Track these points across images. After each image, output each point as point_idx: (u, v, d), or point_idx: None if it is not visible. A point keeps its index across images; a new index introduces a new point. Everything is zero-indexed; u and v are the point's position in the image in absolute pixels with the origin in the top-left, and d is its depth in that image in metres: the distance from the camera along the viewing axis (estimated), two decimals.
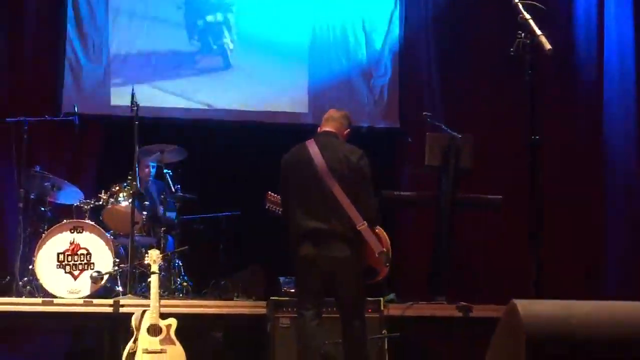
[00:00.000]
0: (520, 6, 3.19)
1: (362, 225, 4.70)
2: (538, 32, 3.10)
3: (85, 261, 6.27)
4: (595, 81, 8.10)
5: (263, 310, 5.86)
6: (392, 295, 6.34)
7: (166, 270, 6.64)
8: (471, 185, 7.15)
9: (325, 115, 5.15)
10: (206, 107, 8.32)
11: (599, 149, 8.07)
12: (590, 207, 8.08)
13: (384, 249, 4.80)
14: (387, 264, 4.83)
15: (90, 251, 6.29)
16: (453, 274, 6.63)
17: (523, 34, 3.15)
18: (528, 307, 2.46)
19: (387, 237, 4.93)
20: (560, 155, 7.70)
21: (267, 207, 5.18)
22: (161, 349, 5.26)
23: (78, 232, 6.31)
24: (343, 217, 4.71)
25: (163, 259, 6.09)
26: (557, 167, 7.47)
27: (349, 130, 5.12)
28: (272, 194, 5.16)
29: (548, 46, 3.07)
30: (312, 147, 4.91)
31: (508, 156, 7.50)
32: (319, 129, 5.13)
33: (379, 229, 4.89)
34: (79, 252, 6.28)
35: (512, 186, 7.62)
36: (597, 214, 8.04)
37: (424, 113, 6.81)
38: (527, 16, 3.16)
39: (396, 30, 8.51)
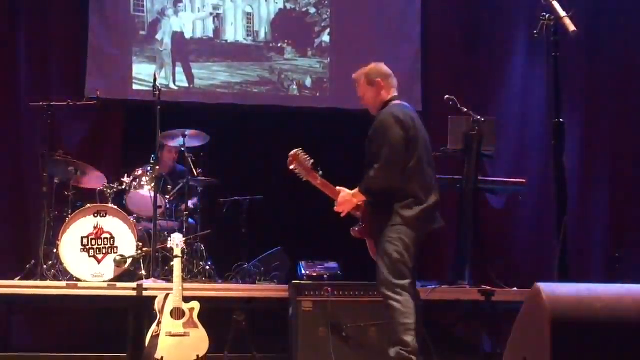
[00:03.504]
0: None
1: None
2: (562, 13, 3.07)
3: (108, 245, 6.31)
4: None
5: (285, 294, 5.87)
6: None
7: (189, 254, 6.66)
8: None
9: (394, 80, 4.91)
10: (229, 90, 8.35)
11: None
12: None
13: None
14: None
15: (114, 235, 6.33)
16: (477, 258, 6.60)
17: (547, 16, 3.12)
18: (552, 290, 2.45)
19: None
20: None
21: (292, 167, 4.94)
22: (184, 332, 5.29)
23: (102, 217, 6.35)
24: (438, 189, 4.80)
25: (186, 242, 6.12)
26: None
27: None
28: (302, 153, 4.92)
29: (572, 28, 3.04)
30: (413, 113, 4.85)
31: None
32: (389, 94, 4.87)
33: None
34: (102, 236, 6.32)
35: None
36: None
37: (447, 97, 6.77)
38: None
39: None
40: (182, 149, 7.05)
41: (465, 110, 6.43)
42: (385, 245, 4.61)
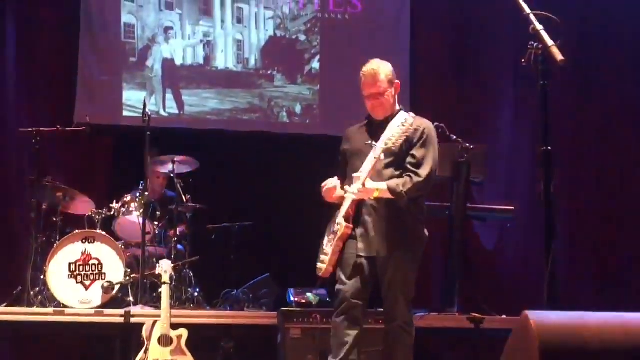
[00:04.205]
0: (532, 17, 3.19)
1: None
2: (550, 43, 3.09)
3: (96, 271, 6.28)
4: None
5: (274, 321, 5.84)
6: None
7: (177, 281, 6.63)
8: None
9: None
10: (219, 117, 8.36)
11: None
12: None
13: None
14: None
15: (102, 261, 6.29)
16: (465, 285, 6.60)
17: (535, 45, 3.15)
18: (541, 318, 2.45)
19: None
20: None
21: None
22: None
23: (90, 243, 6.31)
24: None
25: (174, 269, 6.09)
26: None
27: None
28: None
29: (560, 57, 3.06)
30: None
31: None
32: (397, 103, 4.65)
33: None
34: (90, 262, 6.28)
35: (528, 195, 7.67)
36: None
37: (436, 124, 6.77)
38: (539, 27, 3.15)
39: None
40: (172, 175, 7.05)
41: (455, 137, 6.45)
42: (409, 275, 4.38)
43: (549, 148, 3.09)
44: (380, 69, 4.52)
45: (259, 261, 7.58)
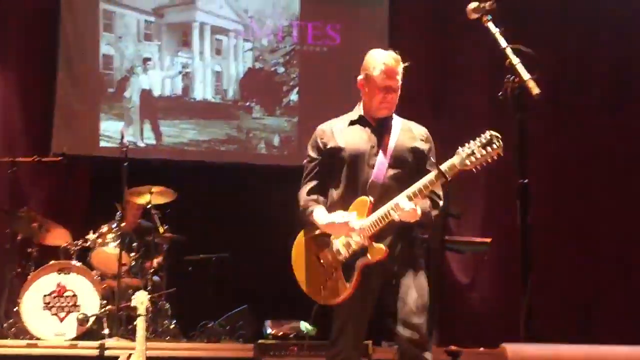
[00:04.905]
0: (509, 51, 3.22)
1: None
2: (526, 76, 3.12)
3: (71, 303, 6.21)
4: None
5: (250, 354, 5.79)
6: None
7: (154, 313, 6.58)
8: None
9: None
10: (197, 148, 8.35)
11: None
12: None
13: None
14: None
15: (77, 293, 6.23)
16: (443, 317, 6.59)
17: (511, 78, 3.17)
18: (518, 350, 2.45)
19: None
20: None
21: None
22: None
23: (65, 274, 6.26)
24: None
25: (150, 300, 6.04)
26: None
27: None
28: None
29: (536, 90, 3.09)
30: None
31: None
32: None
33: None
34: (65, 294, 6.22)
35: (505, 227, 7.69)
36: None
37: None
38: (515, 61, 3.18)
39: None
40: (149, 205, 7.01)
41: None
42: (428, 292, 3.85)
43: (526, 180, 3.11)
44: (400, 61, 4.09)
45: (236, 293, 7.53)
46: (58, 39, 8.07)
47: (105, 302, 6.30)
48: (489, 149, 3.64)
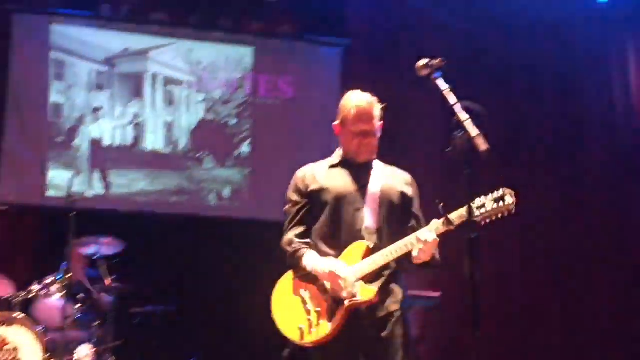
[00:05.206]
0: (458, 108, 3.26)
1: None
2: (474, 133, 3.16)
3: (12, 357, 6.03)
4: None
5: None
6: None
7: None
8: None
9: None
10: (147, 199, 8.28)
11: None
12: None
13: None
14: None
15: (18, 346, 6.05)
16: None
17: (460, 134, 3.21)
18: None
19: None
20: None
21: None
22: None
23: (6, 326, 6.08)
24: None
25: (96, 353, 5.91)
26: None
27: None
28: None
29: (484, 147, 3.13)
30: None
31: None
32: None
33: None
34: (5, 348, 6.04)
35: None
36: None
37: None
38: (464, 117, 3.22)
39: None
40: (96, 256, 6.90)
41: None
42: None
43: (476, 235, 3.13)
44: (374, 103, 3.95)
45: (183, 346, 7.42)
46: (6, 86, 7.99)
47: (48, 355, 6.13)
48: (501, 203, 3.58)
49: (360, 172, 3.92)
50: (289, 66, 8.82)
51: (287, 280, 3.87)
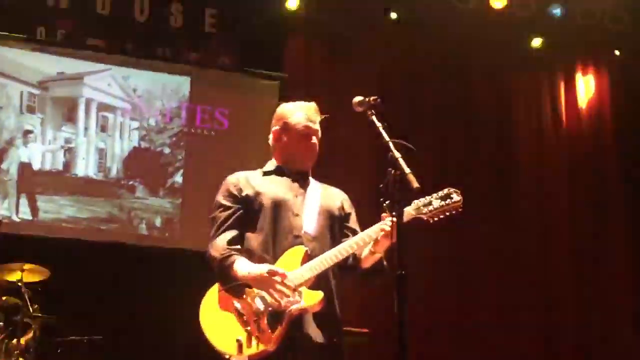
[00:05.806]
0: (391, 145, 3.32)
1: None
2: (407, 170, 3.21)
3: None
4: None
5: None
6: None
7: None
8: None
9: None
10: (75, 225, 8.13)
11: None
12: None
13: None
14: None
15: None
16: None
17: (393, 171, 3.26)
18: None
19: None
20: None
21: None
22: None
23: None
24: None
25: None
26: None
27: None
28: None
29: (416, 184, 3.18)
30: None
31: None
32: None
33: None
34: None
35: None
36: None
37: None
38: (397, 155, 3.27)
39: None
40: (19, 284, 6.75)
41: None
42: None
43: (404, 272, 3.16)
44: (318, 110, 4.03)
45: None
46: None
47: None
48: (448, 201, 3.61)
49: (297, 180, 3.84)
50: (226, 98, 8.82)
51: (213, 295, 3.64)
